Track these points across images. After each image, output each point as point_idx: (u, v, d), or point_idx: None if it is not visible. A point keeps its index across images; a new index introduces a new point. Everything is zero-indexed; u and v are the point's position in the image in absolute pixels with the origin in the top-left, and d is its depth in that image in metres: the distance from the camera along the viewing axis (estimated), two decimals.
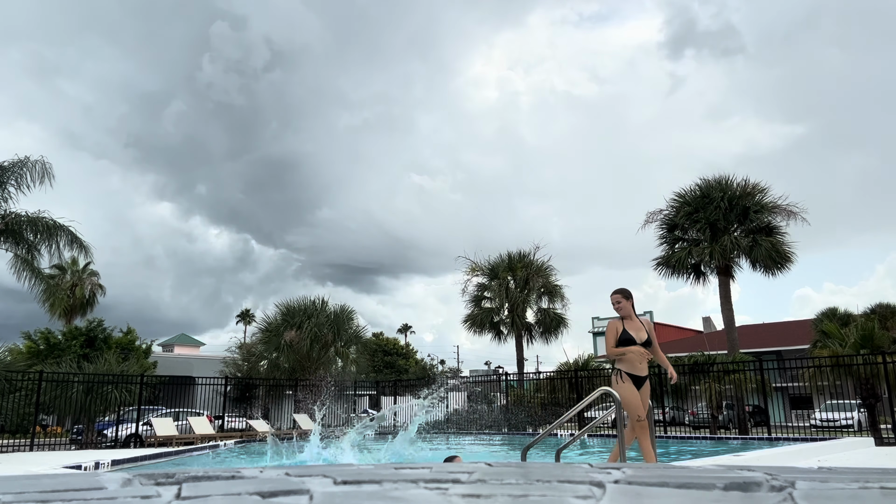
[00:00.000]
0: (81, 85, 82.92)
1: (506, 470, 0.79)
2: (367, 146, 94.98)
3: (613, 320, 6.25)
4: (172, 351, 48.27)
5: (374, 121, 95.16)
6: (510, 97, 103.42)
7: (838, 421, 20.20)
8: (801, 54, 79.08)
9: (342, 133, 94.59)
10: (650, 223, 21.76)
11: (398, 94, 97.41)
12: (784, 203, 20.28)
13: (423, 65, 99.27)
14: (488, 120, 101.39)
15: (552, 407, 20.72)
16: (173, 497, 0.62)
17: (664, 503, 0.64)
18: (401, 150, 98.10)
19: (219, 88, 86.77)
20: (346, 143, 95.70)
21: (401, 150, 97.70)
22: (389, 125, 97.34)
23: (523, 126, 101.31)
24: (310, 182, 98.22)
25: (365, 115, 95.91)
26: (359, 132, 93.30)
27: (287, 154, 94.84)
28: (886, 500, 0.63)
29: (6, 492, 0.62)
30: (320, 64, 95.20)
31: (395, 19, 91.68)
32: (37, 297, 17.50)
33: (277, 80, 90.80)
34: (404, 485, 0.67)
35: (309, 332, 23.28)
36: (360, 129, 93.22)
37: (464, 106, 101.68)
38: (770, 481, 0.67)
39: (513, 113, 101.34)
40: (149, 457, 12.30)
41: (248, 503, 0.61)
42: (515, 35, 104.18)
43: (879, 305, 30.02)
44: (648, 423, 5.83)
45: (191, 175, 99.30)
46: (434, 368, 54.09)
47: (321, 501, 0.62)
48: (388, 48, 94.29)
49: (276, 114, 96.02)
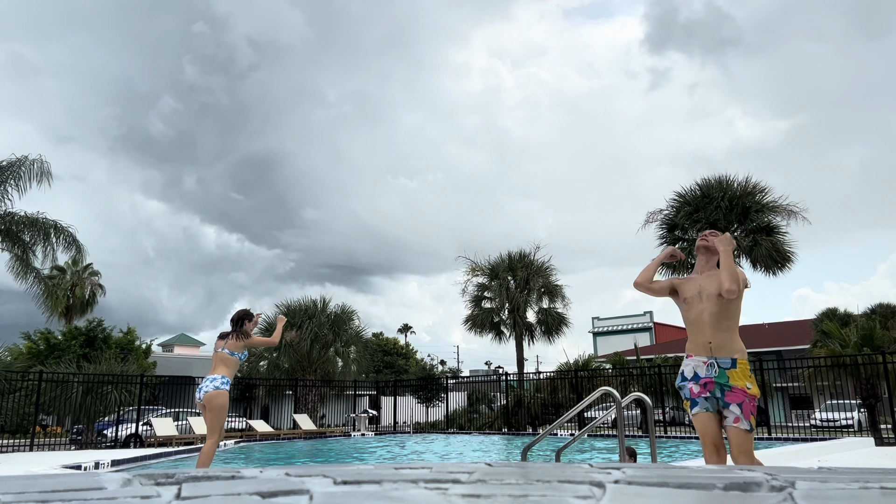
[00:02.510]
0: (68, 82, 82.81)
1: (506, 470, 0.79)
2: (350, 145, 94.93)
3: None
4: (172, 351, 48.26)
5: (354, 119, 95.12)
6: (493, 93, 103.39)
7: (838, 421, 20.20)
8: (793, 45, 79.10)
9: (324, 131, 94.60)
10: (650, 223, 21.79)
11: (378, 92, 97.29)
12: (784, 202, 20.30)
13: (404, 61, 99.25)
14: (471, 116, 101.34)
15: (552, 407, 20.72)
16: (173, 497, 0.62)
17: (664, 503, 0.64)
18: (384, 150, 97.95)
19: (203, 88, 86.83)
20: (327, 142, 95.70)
21: (384, 149, 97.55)
22: (370, 123, 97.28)
23: (509, 121, 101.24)
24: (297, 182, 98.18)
25: (345, 112, 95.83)
26: (339, 130, 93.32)
27: (272, 153, 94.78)
28: (886, 500, 0.63)
29: (6, 492, 0.62)
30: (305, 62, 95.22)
31: (373, 16, 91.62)
32: (35, 298, 17.51)
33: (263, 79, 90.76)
34: (404, 485, 0.67)
35: (309, 332, 23.29)
36: (340, 127, 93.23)
37: (447, 103, 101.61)
38: (770, 481, 0.67)
39: (496, 108, 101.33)
40: (149, 457, 12.31)
41: (248, 503, 0.61)
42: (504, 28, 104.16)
43: (880, 305, 30.02)
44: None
45: (182, 173, 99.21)
46: (434, 369, 54.12)
47: (321, 501, 0.62)
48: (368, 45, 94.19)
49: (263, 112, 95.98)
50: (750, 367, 3.77)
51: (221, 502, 0.62)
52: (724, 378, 3.68)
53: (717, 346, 3.74)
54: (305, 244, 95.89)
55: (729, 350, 3.74)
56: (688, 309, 3.96)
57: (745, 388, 3.63)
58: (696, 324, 3.86)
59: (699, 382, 3.75)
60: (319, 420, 23.85)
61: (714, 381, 3.70)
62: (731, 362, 3.71)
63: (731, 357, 3.72)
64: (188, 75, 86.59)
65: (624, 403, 6.02)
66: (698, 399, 3.76)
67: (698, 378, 3.76)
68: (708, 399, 3.74)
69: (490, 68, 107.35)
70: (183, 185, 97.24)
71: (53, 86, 79.95)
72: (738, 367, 3.70)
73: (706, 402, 3.74)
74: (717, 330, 3.76)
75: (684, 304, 4.00)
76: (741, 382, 3.66)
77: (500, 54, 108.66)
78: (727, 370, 3.69)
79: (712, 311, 3.79)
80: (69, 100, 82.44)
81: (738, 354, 3.74)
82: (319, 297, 25.01)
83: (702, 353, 3.79)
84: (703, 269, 4.07)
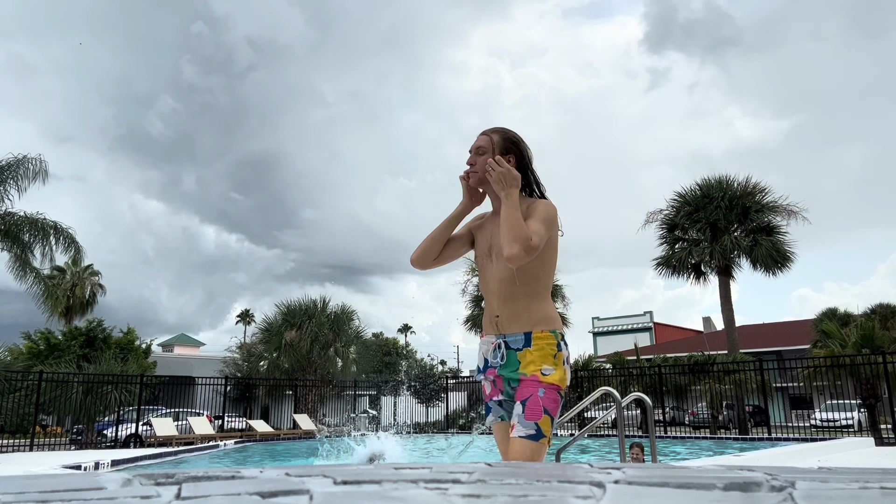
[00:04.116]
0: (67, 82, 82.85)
1: (506, 470, 0.79)
2: (349, 145, 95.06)
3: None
4: (172, 351, 48.28)
5: (353, 119, 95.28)
6: (493, 93, 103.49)
7: (838, 421, 20.21)
8: (792, 44, 79.15)
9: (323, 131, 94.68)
10: (650, 223, 21.81)
11: (377, 92, 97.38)
12: (784, 202, 20.32)
13: (403, 61, 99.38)
14: (470, 116, 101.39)
15: None
16: (173, 497, 0.62)
17: (664, 503, 0.64)
18: (383, 150, 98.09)
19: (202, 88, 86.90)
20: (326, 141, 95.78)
21: (383, 149, 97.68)
22: (369, 123, 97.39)
23: (508, 121, 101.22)
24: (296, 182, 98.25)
25: (344, 112, 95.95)
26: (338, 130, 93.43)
27: (271, 153, 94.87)
28: (886, 500, 0.63)
29: (6, 492, 0.62)
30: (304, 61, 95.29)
31: (372, 15, 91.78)
32: (35, 298, 17.52)
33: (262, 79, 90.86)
34: (404, 485, 0.67)
35: (309, 332, 23.30)
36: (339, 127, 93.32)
37: (446, 102, 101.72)
38: (770, 481, 0.67)
39: (496, 108, 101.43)
40: (149, 457, 12.31)
41: (248, 503, 0.61)
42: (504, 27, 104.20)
43: (880, 305, 30.02)
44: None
45: (182, 173, 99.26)
46: (434, 368, 54.11)
47: (321, 501, 0.62)
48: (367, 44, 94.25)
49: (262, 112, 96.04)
50: (561, 344, 2.42)
51: (221, 502, 0.62)
52: (512, 366, 2.38)
53: (506, 318, 2.43)
54: (305, 244, 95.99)
55: (524, 321, 2.40)
56: (480, 270, 2.61)
57: (538, 375, 2.31)
58: (484, 290, 2.56)
59: (490, 377, 2.48)
60: (319, 420, 23.85)
61: (499, 373, 2.42)
62: (523, 339, 2.38)
63: (526, 330, 2.39)
64: (187, 75, 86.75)
65: (624, 403, 6.02)
66: (491, 403, 2.50)
67: (488, 367, 2.47)
68: (502, 403, 2.46)
69: (489, 68, 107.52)
70: (182, 185, 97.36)
71: (53, 86, 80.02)
72: (533, 343, 2.36)
73: (500, 409, 2.47)
74: (509, 298, 2.43)
75: (477, 263, 2.64)
76: (535, 366, 2.33)
77: (500, 54, 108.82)
78: (518, 351, 2.38)
79: (501, 276, 2.44)
80: (68, 100, 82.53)
81: (537, 325, 2.40)
82: (319, 297, 25.01)
83: (491, 332, 2.48)
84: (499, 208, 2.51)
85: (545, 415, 2.26)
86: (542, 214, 2.41)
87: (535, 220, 2.38)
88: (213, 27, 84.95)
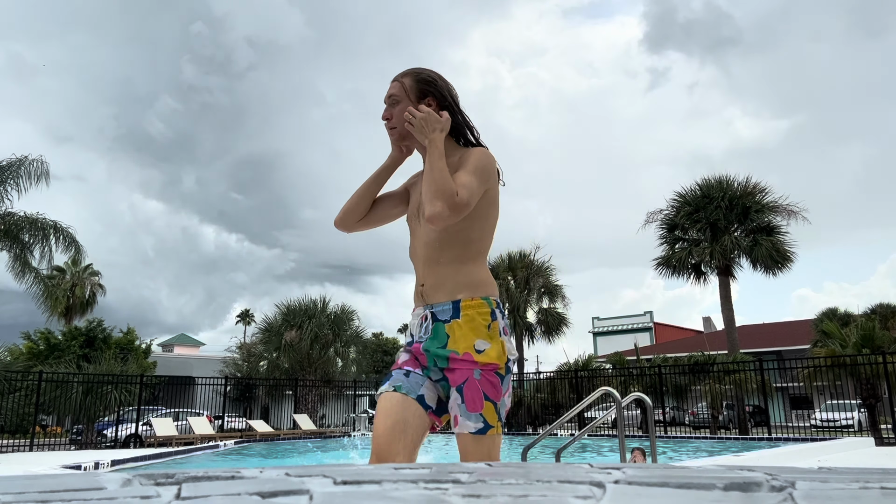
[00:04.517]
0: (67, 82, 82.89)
1: (506, 470, 0.79)
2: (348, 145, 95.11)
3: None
4: (172, 351, 48.27)
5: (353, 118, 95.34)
6: (492, 92, 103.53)
7: (838, 421, 20.21)
8: (792, 44, 79.14)
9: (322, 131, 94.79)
10: (650, 223, 21.81)
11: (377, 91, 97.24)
12: (784, 202, 20.32)
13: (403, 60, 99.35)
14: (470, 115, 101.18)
15: (552, 407, 20.72)
16: (173, 497, 0.62)
17: (664, 503, 0.64)
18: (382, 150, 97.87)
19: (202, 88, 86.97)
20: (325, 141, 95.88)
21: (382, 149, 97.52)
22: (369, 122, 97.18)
23: (507, 121, 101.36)
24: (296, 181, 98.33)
25: (343, 111, 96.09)
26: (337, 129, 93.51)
27: (271, 152, 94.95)
28: (886, 500, 0.62)
29: (6, 492, 0.62)
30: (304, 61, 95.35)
31: (371, 15, 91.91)
32: (35, 298, 17.52)
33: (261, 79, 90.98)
34: (404, 485, 0.67)
35: (309, 332, 23.30)
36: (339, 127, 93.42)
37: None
38: (770, 481, 0.67)
39: (495, 108, 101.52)
40: (149, 457, 12.31)
41: (248, 503, 0.61)
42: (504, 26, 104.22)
43: (880, 305, 30.03)
44: None
45: (181, 173, 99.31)
46: None
47: (321, 501, 0.62)
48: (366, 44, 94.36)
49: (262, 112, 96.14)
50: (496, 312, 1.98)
51: (221, 502, 0.62)
52: (440, 340, 1.96)
53: (431, 285, 2.02)
54: (305, 244, 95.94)
55: (451, 287, 1.99)
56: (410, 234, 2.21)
57: (470, 353, 1.90)
58: (412, 256, 2.16)
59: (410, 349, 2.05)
60: (319, 420, 23.85)
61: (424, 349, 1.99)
62: (451, 308, 1.97)
63: (454, 299, 1.97)
64: (187, 75, 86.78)
65: (624, 403, 6.02)
66: (394, 372, 2.04)
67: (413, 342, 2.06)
68: (409, 375, 2.00)
69: (489, 67, 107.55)
70: (182, 185, 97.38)
71: (53, 86, 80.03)
72: (462, 314, 1.95)
73: (405, 379, 1.99)
74: (435, 264, 2.03)
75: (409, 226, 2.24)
76: (467, 342, 1.92)
77: (499, 53, 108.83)
78: (446, 323, 1.96)
79: (427, 239, 2.05)
80: (68, 100, 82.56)
81: (465, 292, 1.97)
82: (319, 297, 25.02)
83: (419, 303, 2.08)
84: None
85: (487, 401, 1.88)
86: (475, 164, 1.98)
87: (464, 171, 1.95)
88: (212, 27, 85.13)
